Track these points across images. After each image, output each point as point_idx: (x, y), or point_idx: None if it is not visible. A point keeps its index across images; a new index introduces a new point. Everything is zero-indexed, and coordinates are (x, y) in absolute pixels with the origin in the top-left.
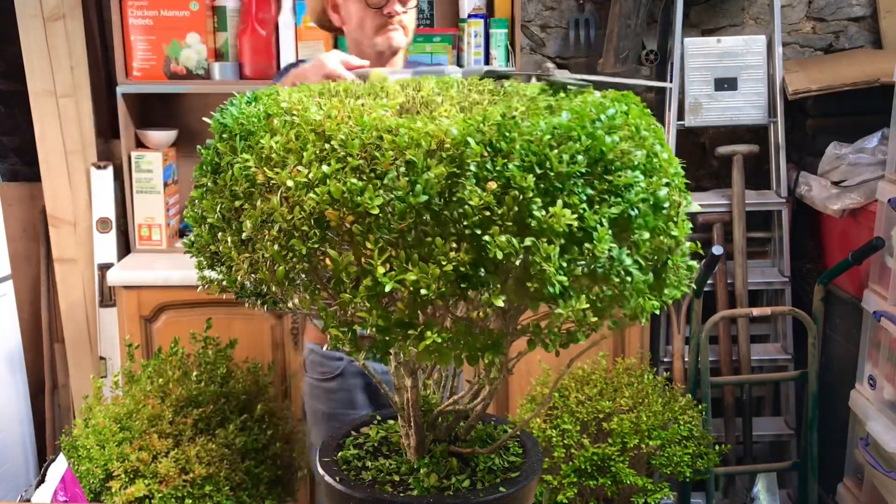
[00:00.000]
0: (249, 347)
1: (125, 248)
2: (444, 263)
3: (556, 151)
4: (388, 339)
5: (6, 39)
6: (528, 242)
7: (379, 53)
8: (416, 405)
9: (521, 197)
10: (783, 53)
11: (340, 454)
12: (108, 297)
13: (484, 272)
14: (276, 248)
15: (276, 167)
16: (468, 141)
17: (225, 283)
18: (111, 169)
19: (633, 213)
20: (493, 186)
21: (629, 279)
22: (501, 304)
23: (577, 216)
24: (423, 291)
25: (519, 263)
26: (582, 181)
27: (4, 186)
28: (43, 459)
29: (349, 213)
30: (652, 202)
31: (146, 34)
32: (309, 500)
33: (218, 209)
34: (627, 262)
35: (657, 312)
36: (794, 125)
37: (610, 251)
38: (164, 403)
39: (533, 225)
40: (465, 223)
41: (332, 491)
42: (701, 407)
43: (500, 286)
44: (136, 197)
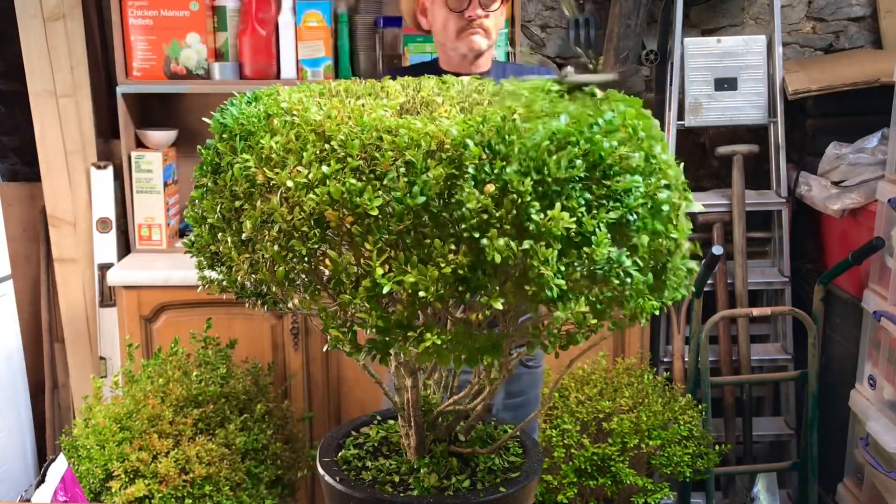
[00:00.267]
0: (249, 347)
1: (125, 248)
2: (442, 266)
3: (554, 157)
4: (387, 339)
5: (6, 39)
6: (526, 246)
7: (462, 56)
8: (416, 405)
9: (518, 200)
10: (783, 53)
11: (340, 454)
12: (108, 297)
13: (482, 275)
14: (276, 248)
15: (276, 167)
16: (467, 143)
17: (225, 283)
18: (111, 169)
19: (631, 217)
20: (490, 189)
21: (629, 280)
22: (500, 306)
23: (575, 220)
24: (421, 294)
25: (517, 266)
26: (580, 186)
27: (4, 186)
28: (43, 459)
29: (349, 213)
30: (651, 206)
31: (146, 34)
32: (309, 500)
33: (218, 209)
34: (627, 263)
35: (657, 313)
36: (794, 125)
37: (609, 253)
38: (164, 403)
39: (531, 228)
40: (463, 226)
41: (332, 491)
42: (701, 407)
43: (498, 289)
44: (136, 197)
